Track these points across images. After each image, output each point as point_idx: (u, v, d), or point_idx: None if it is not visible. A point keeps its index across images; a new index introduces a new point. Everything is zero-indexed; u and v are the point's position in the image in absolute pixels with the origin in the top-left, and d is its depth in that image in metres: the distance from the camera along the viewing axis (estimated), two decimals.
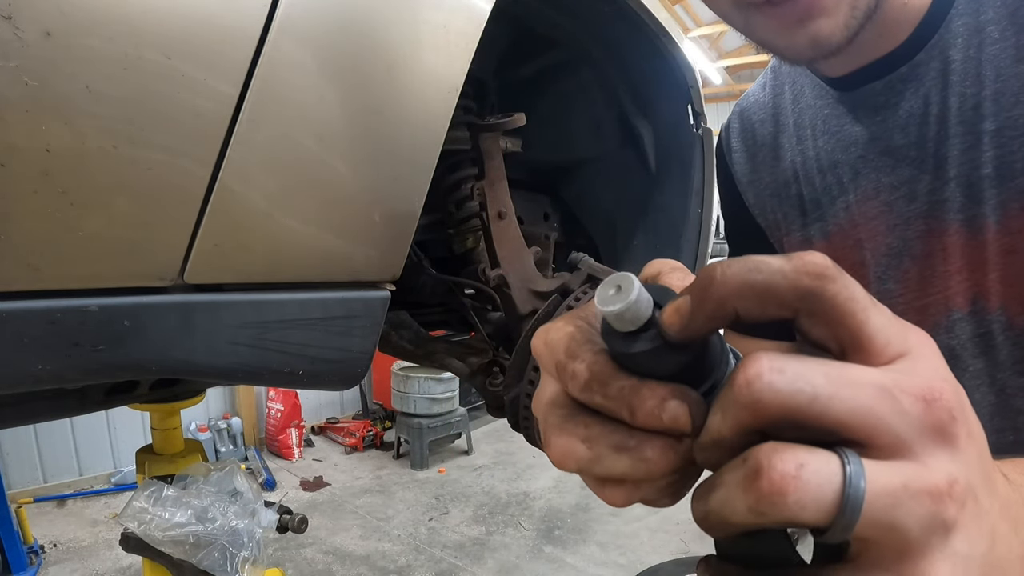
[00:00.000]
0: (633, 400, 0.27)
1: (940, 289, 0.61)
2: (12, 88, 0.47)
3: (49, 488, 4.34)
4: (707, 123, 1.49)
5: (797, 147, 0.72)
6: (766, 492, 0.22)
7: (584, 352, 0.28)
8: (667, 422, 0.26)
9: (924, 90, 0.59)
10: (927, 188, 0.60)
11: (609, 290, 0.27)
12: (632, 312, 0.26)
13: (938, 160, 0.59)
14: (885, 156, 0.62)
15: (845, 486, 0.22)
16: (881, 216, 0.64)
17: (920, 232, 0.61)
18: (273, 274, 0.66)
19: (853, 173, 0.65)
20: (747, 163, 0.78)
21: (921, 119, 0.59)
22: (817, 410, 0.23)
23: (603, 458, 0.28)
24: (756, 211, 0.78)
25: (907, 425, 0.23)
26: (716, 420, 0.25)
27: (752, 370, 0.24)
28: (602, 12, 1.26)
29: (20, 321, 0.51)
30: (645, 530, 3.87)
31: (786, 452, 0.23)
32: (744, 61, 9.22)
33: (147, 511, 1.35)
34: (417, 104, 0.74)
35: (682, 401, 0.26)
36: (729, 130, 0.81)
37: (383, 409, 5.56)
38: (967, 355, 0.60)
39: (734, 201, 0.81)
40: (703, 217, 1.51)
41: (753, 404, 0.23)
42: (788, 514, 0.22)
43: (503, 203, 1.19)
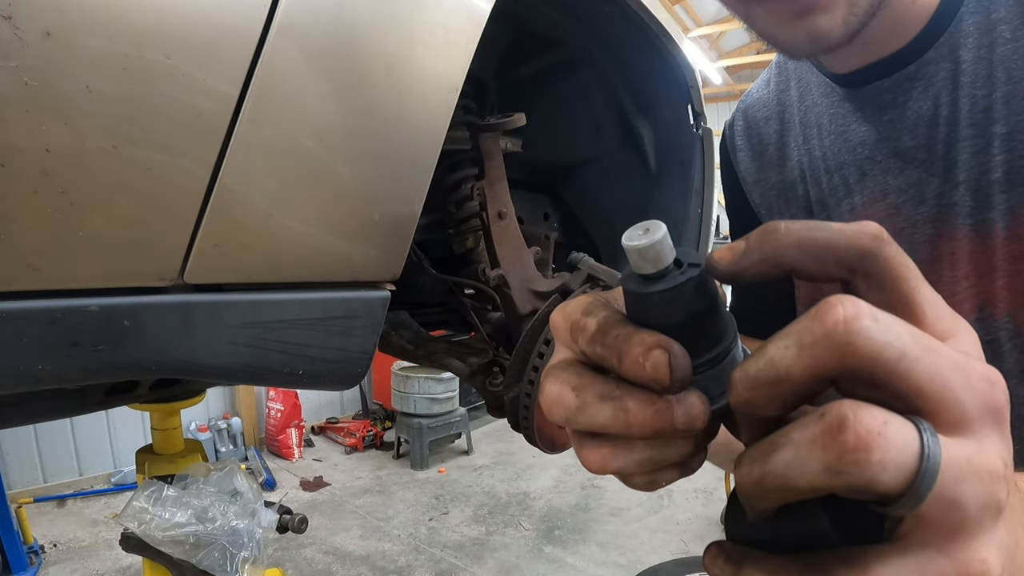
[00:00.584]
0: (623, 346, 0.27)
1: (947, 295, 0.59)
2: (12, 88, 0.47)
3: (49, 488, 4.35)
4: (707, 123, 1.49)
5: (804, 146, 0.71)
6: (851, 447, 0.21)
7: (598, 311, 0.29)
8: (648, 371, 0.26)
9: (934, 90, 0.58)
10: (936, 191, 0.59)
11: (638, 231, 0.28)
12: (654, 251, 0.27)
13: (947, 163, 0.58)
14: (893, 158, 0.61)
15: (924, 451, 0.21)
16: (888, 219, 0.62)
17: (928, 236, 0.60)
18: (273, 274, 0.66)
19: (860, 174, 0.64)
20: (752, 162, 0.77)
21: (930, 121, 0.58)
22: (903, 369, 0.22)
23: (587, 406, 0.28)
24: (762, 211, 0.77)
25: (972, 403, 0.23)
26: (788, 356, 0.23)
27: (850, 310, 0.22)
28: (602, 12, 1.26)
29: (20, 321, 0.51)
30: (645, 530, 3.87)
31: (872, 409, 0.21)
32: (744, 61, 9.21)
33: (147, 511, 1.35)
34: (417, 104, 0.74)
35: (666, 351, 0.26)
36: (733, 128, 0.80)
37: (383, 409, 5.56)
38: None
39: (739, 201, 0.80)
40: (703, 217, 1.51)
41: (845, 346, 0.22)
42: (869, 474, 0.21)
43: (503, 203, 1.19)
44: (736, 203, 0.81)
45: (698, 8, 8.48)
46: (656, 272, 0.27)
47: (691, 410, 0.27)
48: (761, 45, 2.81)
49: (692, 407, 0.27)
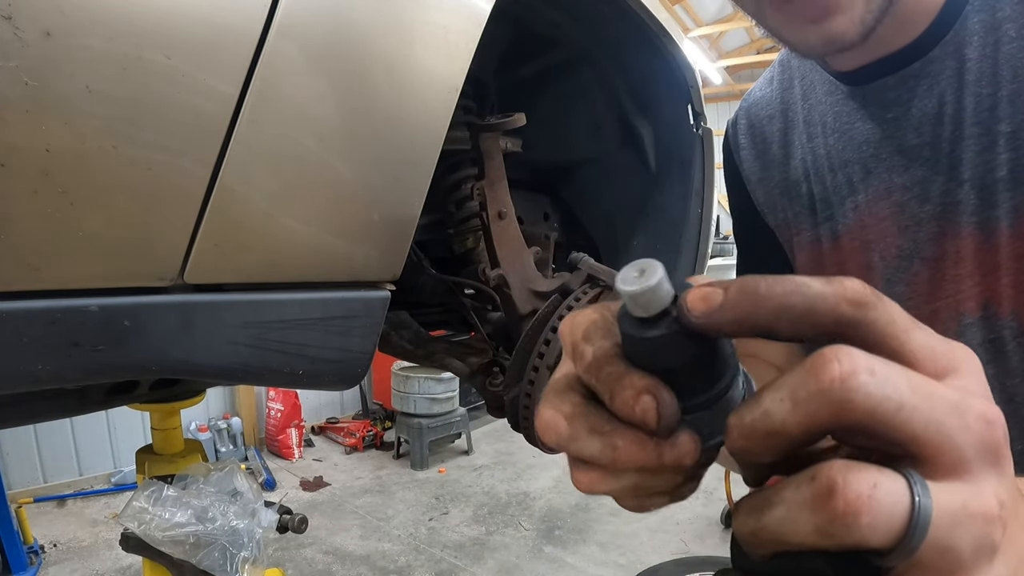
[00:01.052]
0: (615, 386, 0.27)
1: (951, 293, 0.60)
2: (12, 88, 0.47)
3: (49, 488, 4.34)
4: (707, 123, 1.49)
5: (808, 145, 0.70)
6: (840, 513, 0.21)
7: (598, 337, 0.29)
8: (638, 414, 0.26)
9: (939, 88, 0.58)
10: (940, 189, 0.59)
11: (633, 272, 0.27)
12: (647, 297, 0.26)
13: (952, 161, 0.58)
14: (898, 155, 0.61)
15: (914, 508, 0.22)
16: (892, 217, 0.62)
17: (932, 234, 0.60)
18: (273, 274, 0.66)
19: (864, 172, 0.64)
20: (756, 161, 0.77)
21: (935, 119, 0.58)
22: (900, 420, 0.22)
23: (578, 438, 0.29)
24: (766, 210, 0.77)
25: (969, 445, 0.23)
26: (783, 409, 0.23)
27: (847, 366, 0.22)
28: (602, 12, 1.26)
29: (20, 321, 0.51)
30: (645, 530, 3.87)
31: (861, 471, 0.22)
32: (744, 61, 9.22)
33: (147, 511, 1.35)
34: (417, 104, 0.74)
35: (655, 398, 0.26)
36: (736, 127, 0.80)
37: (383, 409, 5.56)
38: None
39: (742, 200, 0.79)
40: (703, 217, 1.51)
41: (841, 403, 0.22)
42: (858, 536, 0.21)
43: (503, 203, 1.19)
44: (739, 202, 0.80)
45: (698, 8, 8.48)
46: (650, 316, 0.27)
47: (680, 450, 0.27)
48: (761, 45, 2.84)
49: (681, 448, 0.27)
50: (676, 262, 1.50)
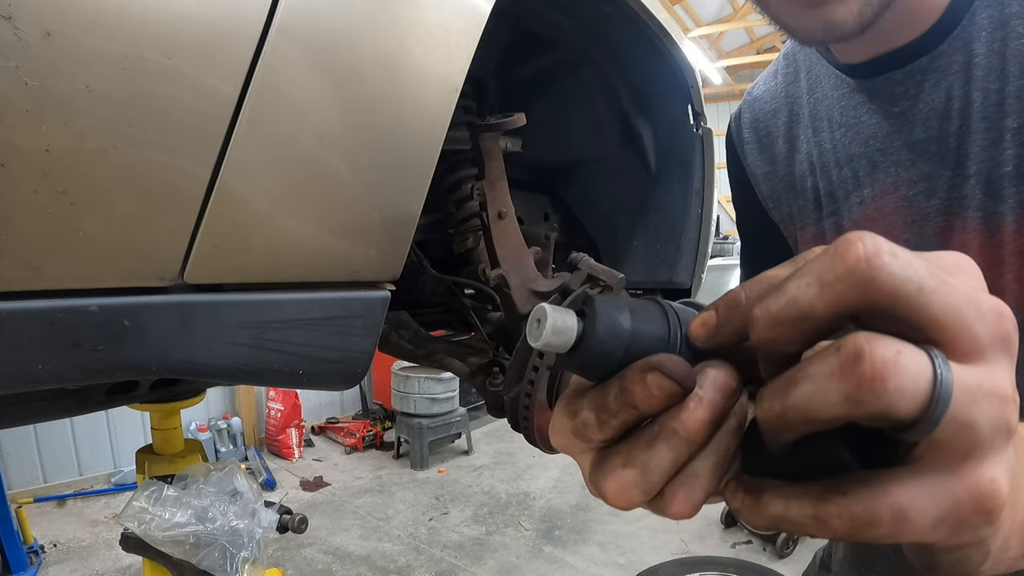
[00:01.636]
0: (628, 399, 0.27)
1: None
2: (12, 88, 0.47)
3: (49, 488, 4.34)
4: (707, 123, 1.49)
5: (814, 139, 0.70)
6: (868, 377, 0.22)
7: (577, 403, 0.30)
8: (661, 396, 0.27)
9: (946, 83, 0.58)
10: (947, 184, 0.59)
11: (532, 325, 0.29)
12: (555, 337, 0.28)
13: (959, 156, 0.58)
14: (905, 150, 0.61)
15: (936, 377, 0.23)
16: (899, 211, 0.62)
17: (938, 229, 0.60)
18: (273, 274, 0.66)
19: (871, 167, 0.64)
20: (760, 155, 0.76)
21: (943, 113, 0.58)
22: (921, 303, 0.23)
23: (646, 463, 0.28)
24: (770, 204, 0.76)
25: (984, 331, 0.24)
26: (810, 294, 0.24)
27: (871, 247, 0.23)
28: (602, 12, 1.26)
29: (20, 321, 0.51)
30: (645, 530, 3.87)
31: (886, 340, 0.22)
32: (744, 61, 9.22)
33: (147, 511, 1.35)
34: (417, 104, 0.74)
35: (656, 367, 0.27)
36: (740, 121, 0.79)
37: (383, 409, 5.56)
38: None
39: (746, 194, 0.79)
40: (703, 217, 1.51)
41: (867, 283, 0.23)
42: (887, 401, 0.22)
43: (503, 203, 1.19)
44: (743, 197, 0.80)
45: (698, 8, 8.48)
46: (576, 341, 0.28)
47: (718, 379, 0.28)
48: (761, 45, 2.84)
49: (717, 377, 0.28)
50: (676, 262, 1.50)
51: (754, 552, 3.53)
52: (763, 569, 3.26)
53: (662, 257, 1.51)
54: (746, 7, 8.40)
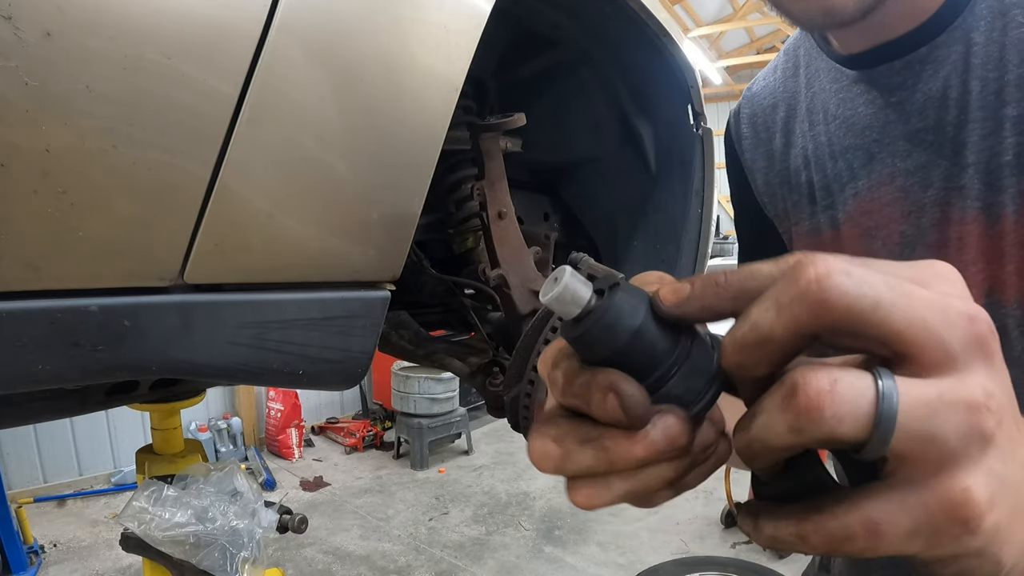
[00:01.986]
0: (587, 395, 0.28)
1: None
2: (12, 88, 0.47)
3: (49, 488, 4.35)
4: (707, 123, 1.49)
5: (809, 132, 0.70)
6: (803, 408, 0.23)
7: (563, 360, 0.30)
8: (611, 412, 0.27)
9: (944, 72, 0.57)
10: (944, 174, 0.58)
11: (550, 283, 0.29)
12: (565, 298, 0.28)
13: (956, 145, 0.57)
14: (902, 140, 0.61)
15: (878, 398, 0.23)
16: (895, 202, 0.62)
17: (935, 220, 0.59)
18: (273, 274, 0.66)
19: (867, 157, 0.64)
20: (757, 149, 0.76)
21: (940, 102, 0.58)
22: (879, 317, 0.23)
23: (571, 452, 0.29)
24: (765, 199, 0.76)
25: (954, 339, 0.24)
26: (768, 317, 0.25)
27: (821, 268, 0.23)
28: (602, 12, 1.26)
29: (20, 321, 0.51)
30: (645, 530, 3.87)
31: (819, 369, 0.23)
32: (744, 61, 9.22)
33: (147, 511, 1.35)
34: (417, 104, 0.74)
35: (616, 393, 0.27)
36: (739, 116, 0.79)
37: (383, 409, 5.56)
38: None
39: (743, 189, 0.79)
40: (703, 217, 1.51)
41: (819, 304, 0.23)
42: (827, 429, 0.23)
43: (503, 203, 1.19)
44: (740, 194, 0.80)
45: (698, 8, 8.48)
46: (582, 312, 0.28)
47: (669, 431, 0.28)
48: (761, 45, 2.84)
49: (669, 428, 0.28)
50: (676, 262, 1.50)
51: (754, 552, 3.53)
52: (763, 569, 3.26)
53: (662, 257, 1.51)
54: (746, 7, 8.40)
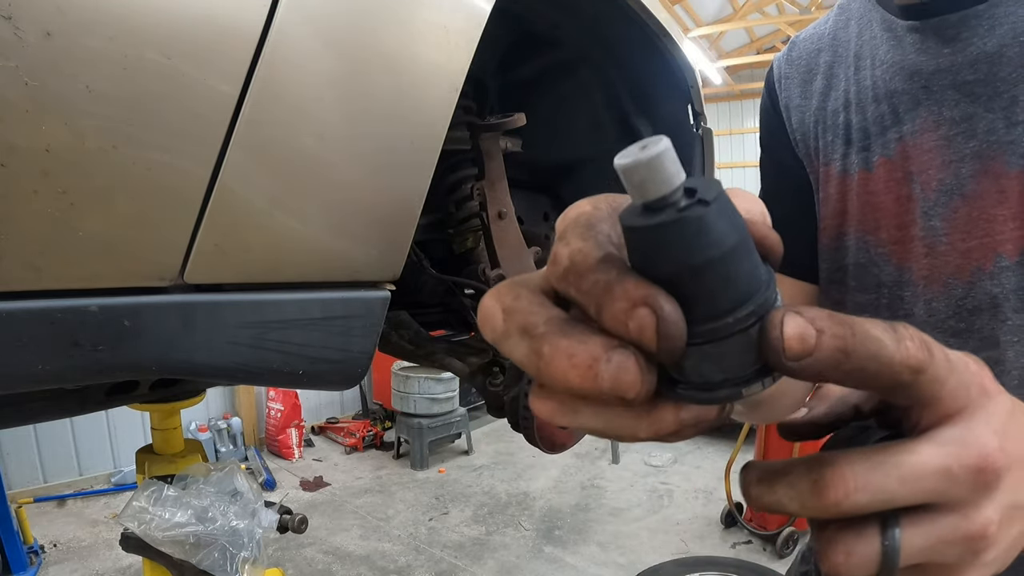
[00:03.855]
0: (603, 297, 0.22)
1: (988, 232, 0.59)
2: (12, 88, 0.47)
3: (49, 488, 4.34)
4: (707, 123, 1.49)
5: (854, 76, 0.71)
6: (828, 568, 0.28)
7: (575, 237, 0.24)
8: (632, 331, 0.21)
9: (1001, 31, 0.58)
10: (987, 127, 0.59)
11: (636, 147, 0.22)
12: (643, 172, 0.21)
13: (1008, 101, 0.58)
14: (951, 90, 0.61)
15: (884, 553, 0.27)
16: (937, 150, 0.62)
17: (974, 171, 0.60)
18: (273, 274, 0.66)
19: (913, 103, 0.64)
20: (797, 88, 0.78)
21: (994, 58, 0.58)
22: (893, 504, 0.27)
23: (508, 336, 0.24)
24: (797, 137, 0.77)
25: (960, 491, 0.28)
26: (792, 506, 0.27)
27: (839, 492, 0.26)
28: (602, 12, 1.26)
29: (20, 321, 0.51)
30: (645, 530, 3.87)
31: (837, 545, 0.27)
32: (744, 61, 9.22)
33: (147, 511, 1.35)
34: (417, 104, 0.74)
35: (654, 310, 0.21)
36: (783, 58, 0.81)
37: (383, 409, 5.56)
38: (1008, 307, 0.59)
39: (776, 131, 0.80)
40: None
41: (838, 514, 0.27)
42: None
43: (503, 203, 1.19)
44: (770, 135, 0.81)
45: (698, 8, 8.48)
46: (655, 200, 0.21)
47: (622, 376, 0.22)
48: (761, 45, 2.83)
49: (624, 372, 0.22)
50: None
51: (754, 552, 3.53)
52: (763, 569, 3.26)
53: None
54: (746, 7, 8.40)
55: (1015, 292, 0.58)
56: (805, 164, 0.76)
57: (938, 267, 0.62)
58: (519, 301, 0.25)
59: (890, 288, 0.66)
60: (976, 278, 0.60)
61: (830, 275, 0.72)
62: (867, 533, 0.27)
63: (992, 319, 0.59)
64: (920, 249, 0.63)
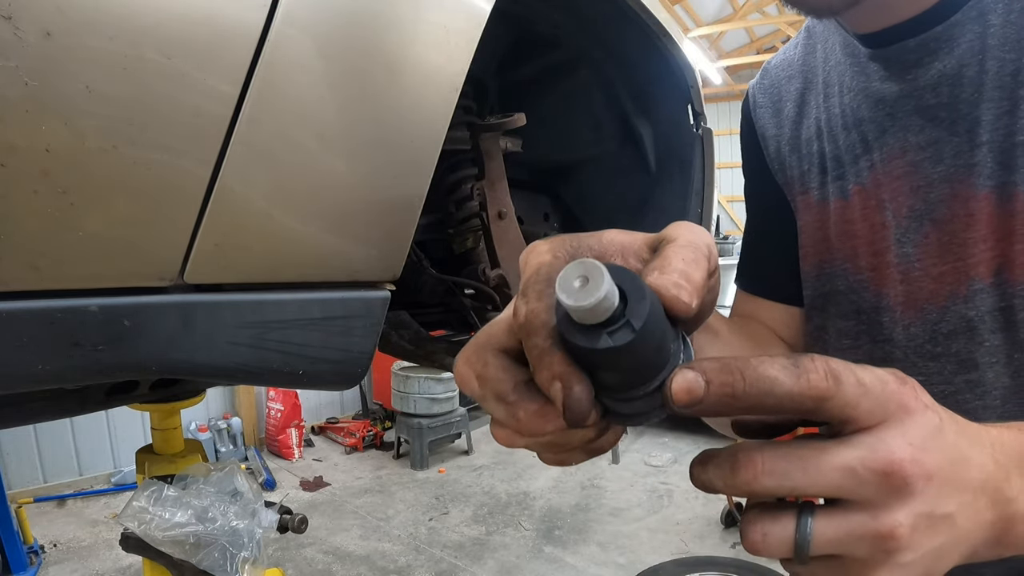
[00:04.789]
0: (536, 361, 0.31)
1: (960, 256, 0.59)
2: (12, 88, 0.47)
3: (49, 488, 4.35)
4: (707, 123, 1.49)
5: (824, 104, 0.71)
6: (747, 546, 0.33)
7: (533, 296, 0.32)
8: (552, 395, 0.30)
9: (959, 52, 0.58)
10: (953, 151, 0.59)
11: (575, 275, 0.26)
12: (584, 313, 0.26)
13: (971, 123, 0.58)
14: (915, 115, 0.62)
15: (797, 538, 0.31)
16: (906, 176, 0.62)
17: (944, 196, 0.60)
18: (273, 274, 0.66)
19: (880, 131, 0.64)
20: (771, 118, 0.78)
21: (954, 80, 0.58)
22: (798, 492, 0.32)
23: (486, 400, 0.34)
24: (775, 166, 0.77)
25: (866, 491, 0.31)
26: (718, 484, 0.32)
27: (749, 473, 0.31)
28: (602, 12, 1.26)
29: (20, 321, 0.51)
30: (645, 530, 3.87)
31: (755, 524, 0.33)
32: (744, 61, 9.22)
33: (147, 511, 1.35)
34: (417, 104, 0.74)
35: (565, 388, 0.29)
36: (757, 86, 0.82)
37: (383, 409, 5.56)
38: (985, 329, 0.59)
39: (755, 159, 0.81)
40: (703, 217, 1.51)
41: (751, 493, 0.32)
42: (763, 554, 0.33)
43: (503, 203, 1.19)
44: (751, 163, 0.82)
45: (698, 8, 8.48)
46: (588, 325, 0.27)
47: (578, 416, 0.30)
48: (761, 45, 2.84)
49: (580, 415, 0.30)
50: None
51: None
52: (763, 569, 3.26)
53: None
54: (746, 7, 8.40)
55: (990, 313, 0.58)
56: (784, 191, 0.77)
57: (913, 293, 0.62)
58: (488, 369, 0.33)
59: (869, 314, 0.66)
60: (951, 302, 0.60)
61: (812, 301, 0.72)
62: (783, 519, 0.32)
63: (969, 342, 0.59)
64: (895, 275, 0.63)
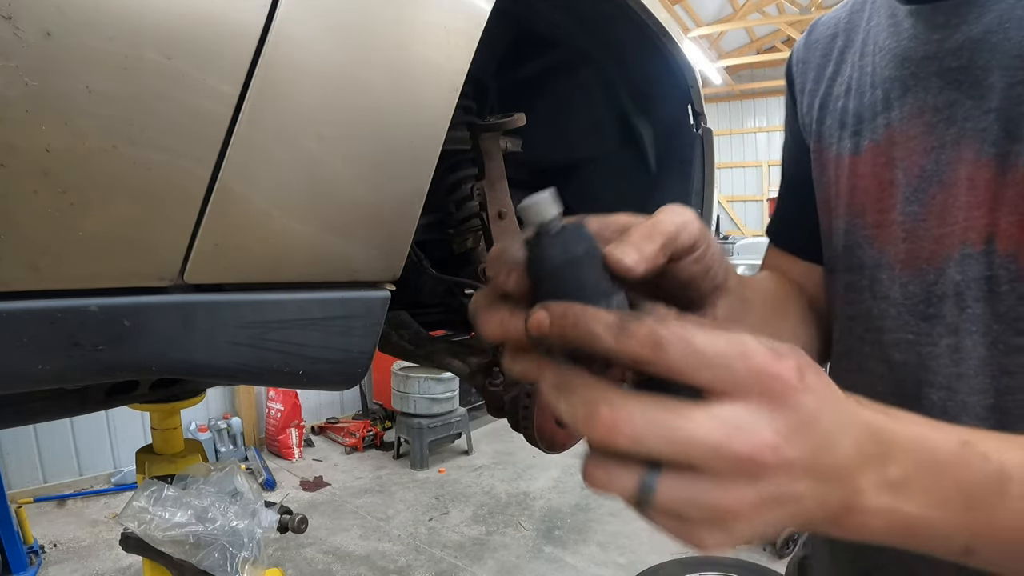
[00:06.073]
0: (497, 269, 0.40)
1: (959, 220, 0.60)
2: (12, 88, 0.47)
3: (49, 488, 4.35)
4: (707, 123, 1.49)
5: (859, 62, 0.72)
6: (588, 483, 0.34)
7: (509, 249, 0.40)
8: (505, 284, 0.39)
9: (989, 18, 0.58)
10: (965, 115, 0.59)
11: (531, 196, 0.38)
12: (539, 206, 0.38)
13: (984, 89, 0.58)
14: (936, 76, 0.62)
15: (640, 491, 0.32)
16: (921, 136, 0.63)
17: (952, 159, 0.60)
18: (273, 274, 0.66)
19: (903, 90, 0.65)
20: (814, 72, 0.79)
21: (976, 45, 0.59)
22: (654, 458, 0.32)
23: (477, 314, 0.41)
24: (806, 121, 0.78)
25: (721, 466, 0.32)
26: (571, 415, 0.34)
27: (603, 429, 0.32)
28: (602, 12, 1.26)
29: (20, 321, 0.51)
30: (645, 530, 3.87)
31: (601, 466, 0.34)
32: (744, 61, 9.22)
33: (147, 511, 1.35)
34: (417, 104, 0.74)
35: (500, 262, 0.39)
36: (801, 44, 0.83)
37: (383, 409, 5.57)
38: (970, 296, 0.59)
39: (791, 117, 0.82)
40: (703, 217, 1.51)
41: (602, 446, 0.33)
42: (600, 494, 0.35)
43: (503, 203, 1.19)
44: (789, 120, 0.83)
45: (698, 8, 8.48)
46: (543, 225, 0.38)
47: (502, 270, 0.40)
48: (761, 45, 2.84)
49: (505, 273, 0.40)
50: None
51: (754, 552, 3.53)
52: (763, 569, 3.26)
53: None
54: (746, 7, 8.40)
55: (976, 281, 0.58)
56: (811, 147, 0.77)
57: (914, 252, 0.63)
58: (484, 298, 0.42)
59: (871, 270, 0.67)
60: (946, 265, 0.60)
61: (827, 257, 0.74)
62: (630, 469, 0.33)
63: (955, 306, 0.59)
64: (899, 234, 0.64)
